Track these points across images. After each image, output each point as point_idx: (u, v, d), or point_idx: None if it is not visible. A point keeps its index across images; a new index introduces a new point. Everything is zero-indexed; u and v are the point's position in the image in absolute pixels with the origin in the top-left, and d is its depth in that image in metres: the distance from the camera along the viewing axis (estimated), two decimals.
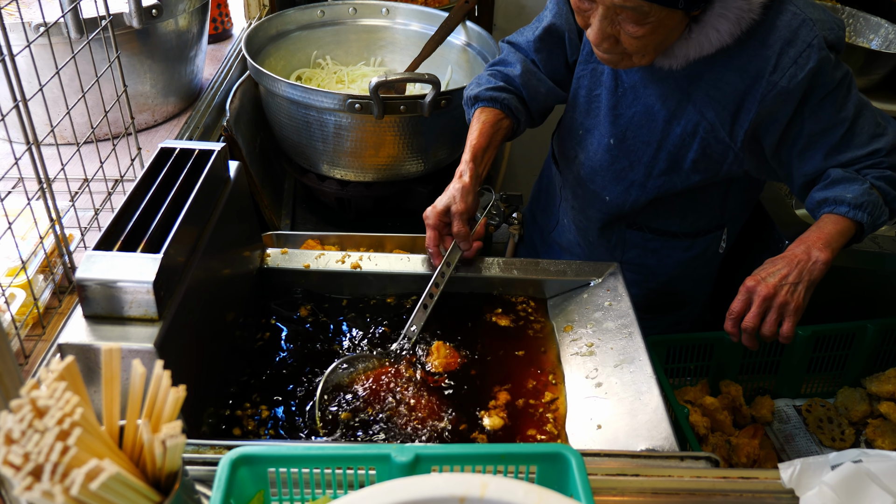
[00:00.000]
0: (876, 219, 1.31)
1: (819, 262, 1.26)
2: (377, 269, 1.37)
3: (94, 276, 0.92)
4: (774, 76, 1.27)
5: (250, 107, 1.97)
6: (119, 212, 1.02)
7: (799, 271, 1.26)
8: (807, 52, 1.25)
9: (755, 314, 1.26)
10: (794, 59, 1.25)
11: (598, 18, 1.23)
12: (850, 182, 1.32)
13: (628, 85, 1.43)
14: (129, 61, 1.68)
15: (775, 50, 1.26)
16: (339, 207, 1.93)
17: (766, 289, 1.25)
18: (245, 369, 1.20)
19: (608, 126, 1.48)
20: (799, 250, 1.28)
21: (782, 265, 1.27)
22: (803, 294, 1.26)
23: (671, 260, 1.62)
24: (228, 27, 2.32)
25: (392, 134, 1.71)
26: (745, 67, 1.29)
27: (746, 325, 1.27)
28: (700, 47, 1.27)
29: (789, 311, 1.25)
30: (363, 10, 2.14)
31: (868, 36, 2.28)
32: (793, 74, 1.26)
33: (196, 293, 1.04)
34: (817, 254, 1.27)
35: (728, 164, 1.42)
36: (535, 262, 1.40)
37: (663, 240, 1.60)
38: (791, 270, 1.26)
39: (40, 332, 1.17)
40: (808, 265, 1.26)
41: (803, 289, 1.26)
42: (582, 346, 1.27)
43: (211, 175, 1.13)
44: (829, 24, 1.29)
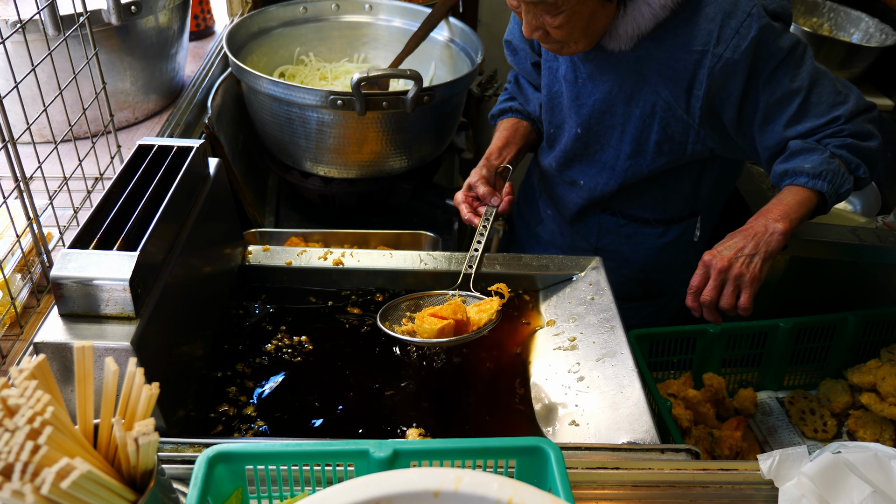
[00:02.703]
0: (838, 187, 1.32)
1: (776, 234, 1.28)
2: (360, 265, 1.37)
3: (69, 274, 0.91)
4: (719, 48, 1.30)
5: (233, 104, 1.96)
6: (95, 209, 1.01)
7: (755, 243, 1.27)
8: (747, 21, 1.28)
9: (712, 287, 1.27)
10: (736, 30, 1.28)
11: (524, 14, 1.30)
12: (809, 152, 1.34)
13: (586, 74, 1.47)
14: (109, 58, 1.66)
15: (717, 22, 1.29)
16: (323, 204, 1.92)
17: (722, 261, 1.27)
18: (226, 367, 1.19)
19: (574, 118, 1.52)
20: (757, 223, 1.30)
21: (739, 238, 1.29)
22: (760, 265, 1.27)
23: (644, 247, 1.65)
24: (210, 24, 2.30)
25: (375, 130, 1.70)
26: (691, 43, 1.32)
27: (704, 298, 1.28)
28: (637, 24, 1.31)
29: (745, 282, 1.26)
30: (346, 7, 2.13)
31: (849, 30, 2.29)
32: (736, 45, 1.29)
33: (175, 291, 1.03)
34: (774, 225, 1.28)
35: (692, 144, 1.44)
36: (518, 258, 1.40)
37: (636, 226, 1.63)
38: (747, 243, 1.28)
39: (18, 331, 1.15)
40: (766, 237, 1.28)
41: (760, 260, 1.27)
42: (564, 341, 1.27)
43: (189, 172, 1.13)
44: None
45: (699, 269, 1.29)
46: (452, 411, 1.15)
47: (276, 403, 1.14)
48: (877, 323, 1.62)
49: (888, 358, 1.59)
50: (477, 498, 0.59)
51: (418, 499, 0.59)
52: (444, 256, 1.38)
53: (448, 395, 1.18)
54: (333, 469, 0.78)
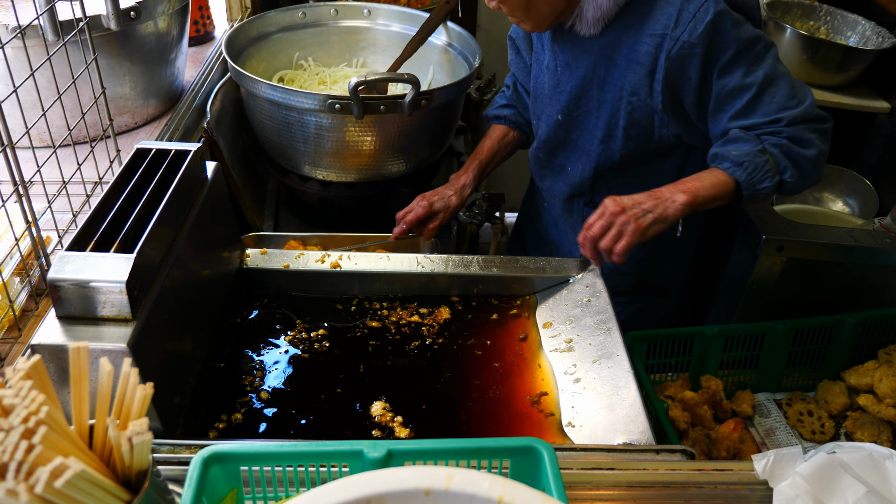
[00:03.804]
0: (757, 181, 1.36)
1: (677, 203, 1.34)
2: (357, 268, 1.37)
3: (66, 276, 0.91)
4: (677, 31, 1.34)
5: (232, 108, 1.96)
6: (93, 212, 1.02)
7: (654, 203, 1.34)
8: (705, 5, 1.32)
9: (599, 225, 1.33)
10: (694, 13, 1.32)
11: None
12: (743, 142, 1.38)
13: (564, 62, 1.52)
14: (108, 63, 1.67)
15: (676, 6, 1.34)
16: (322, 208, 1.93)
17: (616, 206, 1.33)
18: (223, 369, 1.20)
19: (555, 105, 1.58)
20: (666, 189, 1.36)
21: (644, 196, 1.35)
22: (649, 222, 1.33)
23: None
24: (210, 29, 2.31)
25: (373, 134, 1.71)
26: (654, 27, 1.36)
27: (588, 231, 1.34)
28: (600, 7, 1.37)
29: (628, 231, 1.31)
30: (344, 12, 2.14)
31: (846, 33, 2.29)
32: (693, 28, 1.32)
33: (172, 293, 1.04)
34: (679, 195, 1.34)
35: (658, 129, 1.48)
36: (515, 260, 1.41)
37: None
38: (648, 200, 1.34)
39: (16, 334, 1.16)
40: (666, 202, 1.34)
41: (652, 218, 1.33)
42: (561, 343, 1.27)
43: (187, 175, 1.13)
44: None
45: (597, 210, 1.35)
46: (447, 412, 1.16)
47: (274, 404, 1.14)
48: (874, 324, 1.62)
49: (885, 359, 1.59)
50: (468, 496, 0.59)
51: (410, 497, 0.59)
52: (441, 259, 1.39)
53: (443, 395, 1.19)
54: (328, 469, 0.79)
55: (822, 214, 2.03)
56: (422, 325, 1.32)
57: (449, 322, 1.33)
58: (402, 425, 1.10)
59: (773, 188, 1.38)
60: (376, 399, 1.16)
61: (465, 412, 1.16)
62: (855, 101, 2.15)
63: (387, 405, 1.14)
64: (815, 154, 1.38)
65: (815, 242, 1.60)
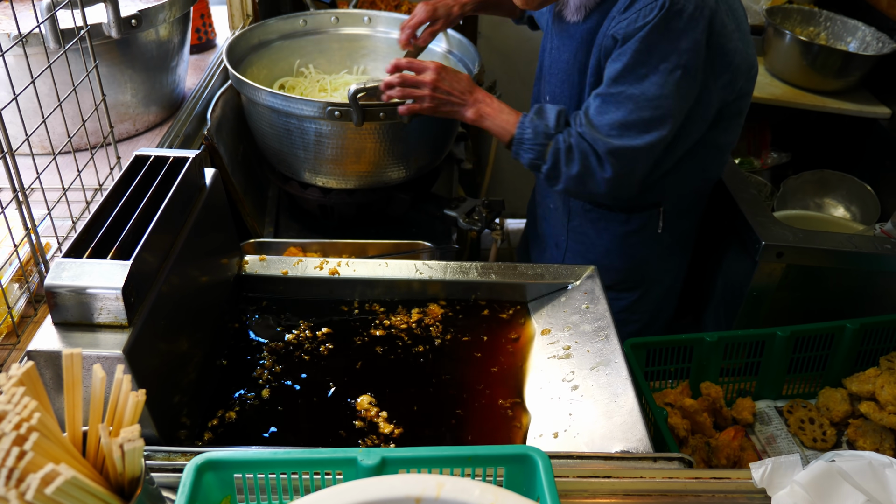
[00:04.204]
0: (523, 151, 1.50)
1: (468, 115, 1.53)
2: (355, 274, 1.37)
3: (63, 282, 0.92)
4: (622, 15, 1.37)
5: (232, 115, 1.97)
6: (91, 219, 1.02)
7: (460, 100, 1.52)
8: (656, 4, 1.32)
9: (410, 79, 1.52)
10: (640, 8, 1.34)
11: None
12: (552, 119, 1.48)
13: (556, 46, 1.57)
14: (110, 71, 1.68)
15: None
16: (322, 215, 1.93)
17: (433, 80, 1.50)
18: (220, 374, 1.20)
19: (547, 87, 1.65)
20: (477, 95, 1.53)
21: (460, 88, 1.52)
22: (443, 111, 1.54)
23: (609, 233, 1.71)
24: (212, 37, 2.32)
25: (373, 141, 1.71)
26: (623, 15, 1.38)
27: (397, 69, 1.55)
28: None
29: (423, 106, 1.53)
30: (345, 19, 2.15)
31: (846, 38, 2.30)
32: (633, 20, 1.35)
33: (169, 300, 1.04)
34: (473, 112, 1.52)
35: None
36: (514, 267, 1.41)
37: (601, 211, 1.69)
38: (460, 96, 1.52)
39: (15, 340, 1.16)
40: (465, 107, 1.53)
41: (447, 110, 1.53)
42: (559, 349, 1.27)
43: (185, 182, 1.14)
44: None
45: (425, 65, 1.52)
46: (444, 419, 1.15)
47: (270, 411, 1.14)
48: (875, 331, 1.61)
49: (887, 366, 1.58)
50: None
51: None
52: (439, 266, 1.39)
53: (440, 402, 1.18)
54: (322, 477, 0.79)
55: (823, 220, 2.03)
56: (418, 329, 1.32)
57: (445, 327, 1.33)
58: (387, 421, 1.12)
59: (534, 162, 1.50)
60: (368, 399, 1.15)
61: (459, 416, 1.15)
62: (855, 106, 2.16)
63: (378, 409, 1.14)
64: (574, 172, 1.46)
65: (815, 248, 1.60)
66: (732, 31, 1.40)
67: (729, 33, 1.39)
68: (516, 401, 1.19)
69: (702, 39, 1.33)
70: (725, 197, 1.76)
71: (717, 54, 1.38)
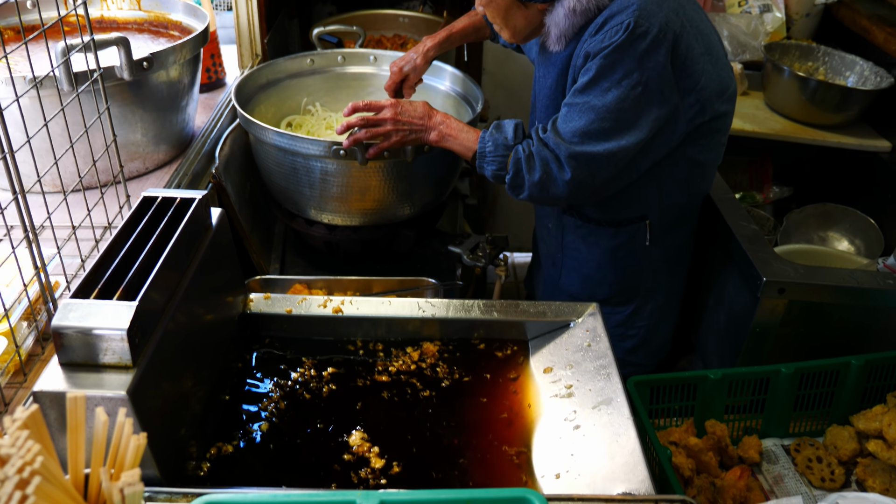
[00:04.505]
0: (486, 164, 1.57)
1: (431, 139, 1.62)
2: (359, 313, 1.38)
3: (69, 323, 0.93)
4: (593, 38, 1.46)
5: (240, 154, 2.00)
6: (99, 259, 1.04)
7: (422, 126, 1.61)
8: (622, 25, 1.41)
9: (371, 117, 1.61)
10: (608, 29, 1.44)
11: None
12: (515, 129, 1.57)
13: (541, 74, 1.67)
14: (121, 111, 1.71)
15: (604, 16, 1.46)
16: (328, 251, 1.95)
17: (394, 113, 1.60)
18: (223, 416, 1.20)
19: (536, 113, 1.74)
20: (436, 118, 1.61)
21: (420, 114, 1.61)
22: (409, 140, 1.63)
23: (599, 247, 1.79)
24: (222, 76, 2.37)
25: (377, 179, 1.74)
26: (593, 38, 1.47)
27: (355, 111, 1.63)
28: (558, 25, 1.51)
29: (391, 141, 1.62)
30: (351, 59, 2.19)
31: (844, 73, 2.32)
32: (600, 40, 1.44)
33: (174, 340, 1.05)
34: (436, 134, 1.61)
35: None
36: (516, 304, 1.42)
37: (591, 227, 1.77)
38: (419, 121, 1.60)
39: (22, 378, 1.18)
40: (429, 131, 1.61)
41: (413, 138, 1.63)
42: (561, 388, 1.27)
43: (192, 222, 1.16)
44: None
45: (382, 103, 1.61)
46: (443, 459, 1.15)
47: (273, 452, 1.14)
48: (881, 367, 1.60)
49: (894, 403, 1.57)
50: None
51: None
52: (442, 304, 1.40)
53: (439, 441, 1.19)
54: None
55: (827, 254, 2.03)
56: (421, 368, 1.32)
57: (447, 366, 1.33)
58: (383, 459, 1.12)
59: (493, 178, 1.58)
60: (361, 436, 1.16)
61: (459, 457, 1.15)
62: (856, 140, 2.17)
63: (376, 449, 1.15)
64: (534, 178, 1.52)
65: (817, 284, 1.59)
66: (700, 54, 1.49)
67: (696, 56, 1.48)
68: (518, 442, 1.19)
69: (664, 61, 1.43)
70: (725, 232, 1.76)
71: (682, 75, 1.47)
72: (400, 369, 1.32)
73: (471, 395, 1.28)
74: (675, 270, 1.86)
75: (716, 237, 1.86)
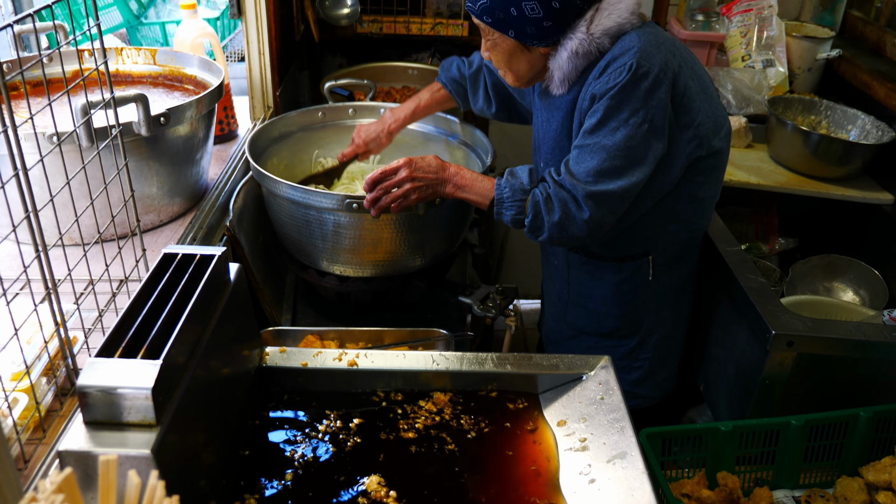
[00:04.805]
0: (504, 210, 1.61)
1: (447, 192, 1.67)
2: (374, 366, 1.40)
3: (94, 383, 0.95)
4: (597, 80, 1.53)
5: (253, 205, 2.04)
6: (122, 318, 1.06)
7: (435, 179, 1.66)
8: (625, 67, 1.48)
9: (387, 183, 1.65)
10: (612, 71, 1.49)
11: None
12: (525, 176, 1.62)
13: (545, 118, 1.72)
14: (137, 165, 1.75)
15: (606, 59, 1.53)
16: (339, 302, 1.97)
17: (409, 173, 1.64)
18: (242, 471, 1.21)
19: (541, 155, 1.78)
20: (451, 170, 1.67)
21: (434, 169, 1.65)
22: (426, 196, 1.68)
23: (604, 282, 1.84)
24: (234, 128, 2.42)
25: (389, 231, 1.77)
26: (598, 80, 1.54)
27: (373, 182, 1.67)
28: (561, 69, 1.57)
29: (410, 199, 1.66)
30: (362, 111, 2.25)
31: (846, 126, 2.37)
32: (605, 82, 1.50)
33: (195, 396, 1.07)
34: (451, 186, 1.66)
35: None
36: (528, 357, 1.43)
37: (596, 263, 1.83)
38: (434, 173, 1.65)
39: (41, 435, 1.19)
40: (445, 184, 1.66)
41: (430, 192, 1.67)
42: (575, 441, 1.28)
43: (212, 279, 1.18)
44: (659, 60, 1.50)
45: (395, 165, 1.65)
46: None
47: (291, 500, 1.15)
48: (889, 419, 1.61)
49: None
50: None
51: None
52: (455, 357, 1.41)
53: (454, 495, 1.19)
54: None
55: (833, 305, 2.05)
56: (434, 420, 1.33)
57: (460, 419, 1.34)
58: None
59: (517, 218, 1.61)
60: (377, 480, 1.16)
61: None
62: (859, 192, 2.21)
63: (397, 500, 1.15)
64: (554, 219, 1.57)
65: (825, 337, 1.61)
66: (697, 92, 1.57)
67: (693, 94, 1.56)
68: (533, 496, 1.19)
69: (666, 98, 1.50)
70: (733, 284, 1.79)
71: (680, 111, 1.55)
72: (414, 421, 1.33)
73: (487, 449, 1.29)
74: (679, 304, 1.90)
75: (723, 288, 1.88)
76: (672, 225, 1.74)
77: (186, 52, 2.16)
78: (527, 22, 1.52)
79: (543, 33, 1.54)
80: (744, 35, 2.61)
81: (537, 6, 1.50)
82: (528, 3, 1.50)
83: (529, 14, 1.51)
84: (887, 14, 2.60)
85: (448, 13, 2.98)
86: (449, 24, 2.92)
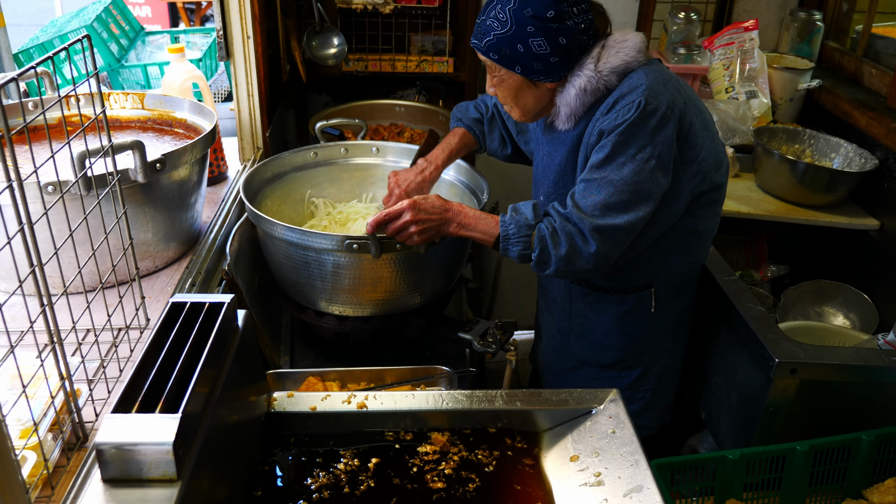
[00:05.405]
0: (510, 246, 1.62)
1: (451, 231, 1.67)
2: (383, 407, 1.39)
3: (113, 440, 0.93)
4: (605, 116, 1.56)
5: (248, 247, 2.03)
6: (135, 371, 1.05)
7: (440, 220, 1.65)
8: (634, 104, 1.52)
9: (395, 226, 1.65)
10: (620, 108, 1.53)
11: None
12: (530, 211, 1.63)
13: (548, 152, 1.75)
14: (133, 212, 1.73)
15: (614, 97, 1.57)
16: (338, 341, 1.96)
17: (413, 216, 1.62)
18: None
19: (543, 188, 1.81)
20: (453, 209, 1.67)
21: (438, 210, 1.65)
22: (430, 237, 1.67)
23: (606, 314, 1.87)
24: (224, 170, 2.41)
25: (389, 270, 1.77)
26: (606, 116, 1.57)
27: (381, 220, 1.66)
28: (568, 104, 1.62)
29: (414, 240, 1.65)
30: (354, 150, 2.26)
31: (830, 155, 2.42)
32: (613, 118, 1.54)
33: (211, 446, 1.05)
34: (455, 226, 1.67)
35: None
36: (538, 393, 1.43)
37: (598, 295, 1.85)
38: (439, 214, 1.65)
39: (49, 492, 1.16)
40: (448, 224, 1.66)
41: (434, 233, 1.66)
42: (590, 476, 1.28)
43: (222, 327, 1.17)
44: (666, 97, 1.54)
45: (401, 207, 1.64)
46: None
47: None
48: (891, 441, 1.64)
49: None
50: None
51: None
52: (464, 396, 1.41)
53: None
54: None
55: (827, 330, 2.08)
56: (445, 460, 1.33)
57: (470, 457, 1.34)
58: None
59: (523, 254, 1.62)
60: None
61: None
62: (845, 219, 2.25)
63: None
64: (560, 253, 1.58)
65: (826, 364, 1.64)
66: (700, 129, 1.62)
67: (697, 130, 1.61)
68: None
69: (672, 135, 1.55)
70: (733, 313, 1.81)
71: (685, 148, 1.60)
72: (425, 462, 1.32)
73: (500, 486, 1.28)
74: (679, 335, 1.93)
75: (722, 317, 1.90)
76: (674, 258, 1.76)
77: (176, 96, 2.16)
78: (534, 58, 1.56)
79: (550, 69, 1.57)
80: (727, 67, 2.67)
81: (544, 42, 1.53)
82: (534, 39, 1.53)
83: (536, 50, 1.55)
84: (863, 45, 2.68)
85: (433, 50, 3.02)
86: (434, 62, 2.96)
